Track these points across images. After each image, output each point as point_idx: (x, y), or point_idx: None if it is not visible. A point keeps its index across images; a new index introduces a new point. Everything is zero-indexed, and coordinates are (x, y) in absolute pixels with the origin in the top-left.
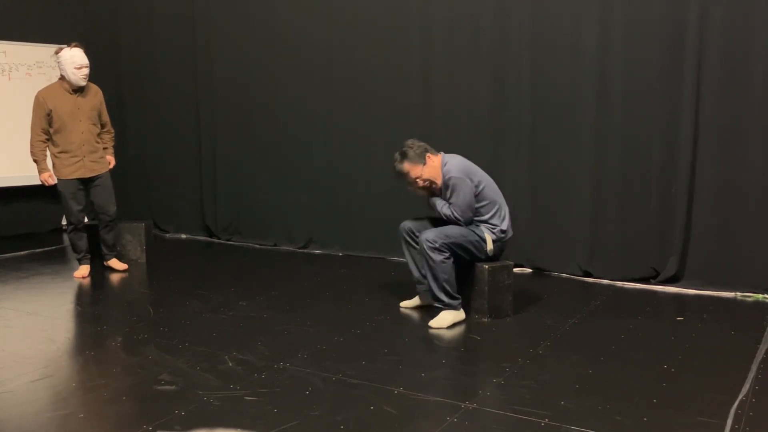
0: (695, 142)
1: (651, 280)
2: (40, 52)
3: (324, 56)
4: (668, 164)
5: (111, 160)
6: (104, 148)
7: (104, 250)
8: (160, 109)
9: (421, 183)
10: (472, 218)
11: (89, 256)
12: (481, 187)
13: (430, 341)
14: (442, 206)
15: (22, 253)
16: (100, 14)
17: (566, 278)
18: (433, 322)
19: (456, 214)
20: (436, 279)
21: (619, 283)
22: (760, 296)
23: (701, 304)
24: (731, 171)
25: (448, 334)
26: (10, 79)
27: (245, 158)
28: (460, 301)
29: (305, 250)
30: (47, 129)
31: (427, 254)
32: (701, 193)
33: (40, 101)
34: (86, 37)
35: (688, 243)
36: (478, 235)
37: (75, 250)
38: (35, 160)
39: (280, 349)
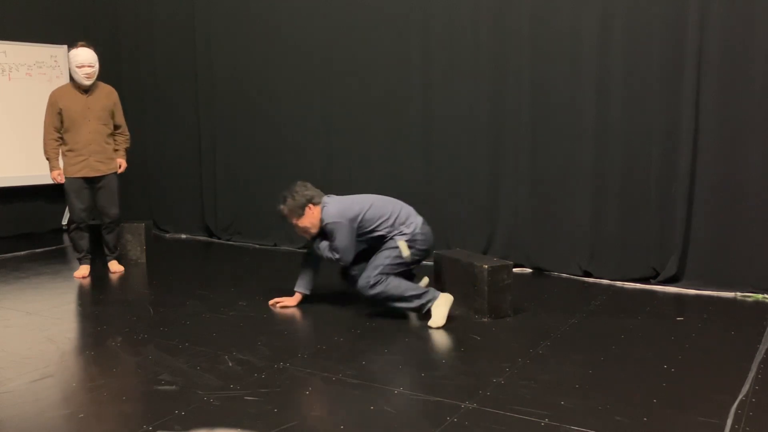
0: (695, 142)
1: (651, 280)
2: (40, 52)
3: (324, 56)
4: (668, 164)
5: (122, 163)
6: (116, 150)
7: (105, 251)
8: (160, 109)
9: (297, 229)
10: (352, 258)
11: (90, 256)
12: (365, 212)
13: (430, 341)
14: (324, 249)
15: (22, 253)
16: (100, 14)
17: (566, 278)
18: (431, 322)
19: (336, 256)
20: (399, 299)
21: (619, 283)
22: (760, 296)
23: (701, 304)
24: (731, 171)
25: (448, 334)
26: (10, 79)
27: (245, 158)
28: (429, 290)
29: (305, 250)
30: (59, 127)
31: (372, 295)
32: (701, 193)
33: (52, 100)
34: (86, 37)
35: (688, 243)
36: (394, 247)
37: (75, 249)
38: (47, 158)
39: (280, 349)
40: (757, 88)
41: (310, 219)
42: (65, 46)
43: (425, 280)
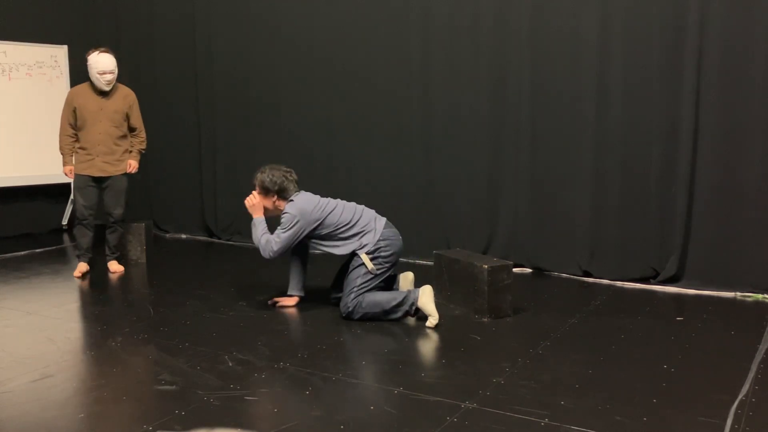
0: (695, 142)
1: (651, 280)
2: (40, 52)
3: (324, 56)
4: (668, 164)
5: (132, 164)
6: (129, 152)
7: (106, 250)
8: (160, 109)
9: (253, 194)
10: (279, 255)
11: (89, 255)
12: (325, 217)
13: (430, 341)
14: (262, 233)
15: (22, 253)
16: (100, 14)
17: (566, 278)
18: (428, 323)
19: (270, 246)
20: (384, 313)
21: (619, 283)
22: (760, 296)
23: (701, 304)
24: (731, 171)
25: (448, 334)
26: (10, 79)
27: (245, 158)
28: (408, 292)
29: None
30: (73, 124)
31: (357, 319)
32: (701, 193)
33: (68, 98)
34: (86, 37)
35: (688, 243)
36: (359, 264)
37: (76, 246)
38: (61, 153)
39: (280, 349)
40: (757, 88)
41: (266, 204)
42: (65, 46)
43: (410, 276)
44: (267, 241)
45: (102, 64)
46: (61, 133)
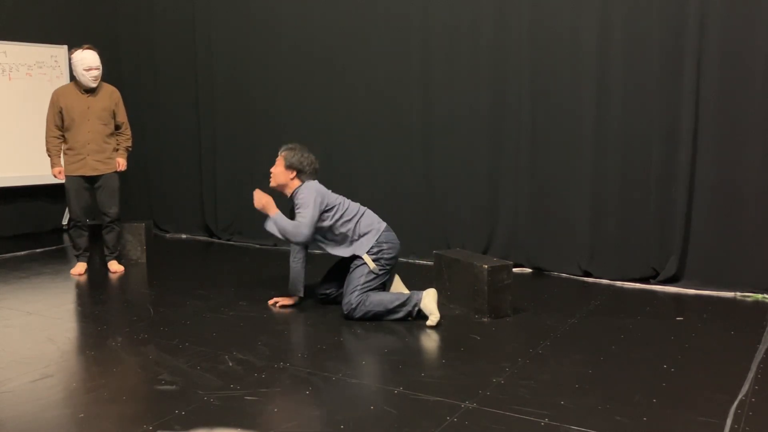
0: (695, 142)
1: (651, 280)
2: (40, 52)
3: (324, 57)
4: (668, 164)
5: (121, 163)
6: (116, 150)
7: (105, 251)
8: (160, 109)
9: (273, 169)
10: (309, 235)
11: (87, 254)
12: (328, 205)
13: (430, 341)
14: (287, 222)
15: (22, 253)
16: (100, 14)
17: (566, 278)
18: (429, 322)
19: (300, 229)
20: (386, 313)
21: (619, 283)
22: (759, 296)
23: (701, 304)
24: (731, 171)
25: (448, 334)
26: (10, 79)
27: (245, 158)
28: (411, 294)
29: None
30: (60, 125)
31: (359, 318)
32: (701, 193)
33: (53, 99)
34: (86, 37)
35: (688, 243)
36: (362, 264)
37: (74, 247)
38: (49, 155)
39: (280, 349)
40: (757, 88)
41: (283, 177)
42: (65, 46)
43: (396, 276)
44: (295, 225)
45: (88, 60)
46: (47, 135)
